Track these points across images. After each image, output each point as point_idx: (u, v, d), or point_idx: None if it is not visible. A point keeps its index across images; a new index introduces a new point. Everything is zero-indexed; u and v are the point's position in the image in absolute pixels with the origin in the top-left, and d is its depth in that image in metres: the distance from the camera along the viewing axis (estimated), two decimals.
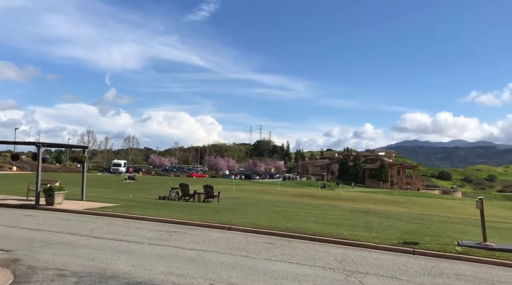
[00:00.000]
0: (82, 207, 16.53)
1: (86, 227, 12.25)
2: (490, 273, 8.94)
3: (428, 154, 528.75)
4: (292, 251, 10.03)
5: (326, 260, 9.24)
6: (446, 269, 9.05)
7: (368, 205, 32.51)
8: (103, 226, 12.46)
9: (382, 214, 21.85)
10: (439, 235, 13.46)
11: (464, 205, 44.37)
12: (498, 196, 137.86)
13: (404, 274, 8.33)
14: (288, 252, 9.93)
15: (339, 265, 8.74)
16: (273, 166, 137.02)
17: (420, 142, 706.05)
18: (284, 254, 9.61)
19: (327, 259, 9.36)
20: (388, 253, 10.55)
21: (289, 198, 35.79)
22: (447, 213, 30.20)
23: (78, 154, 20.55)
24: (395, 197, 53.92)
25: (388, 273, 8.33)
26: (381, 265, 9.03)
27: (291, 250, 10.15)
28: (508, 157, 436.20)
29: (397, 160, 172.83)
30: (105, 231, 11.69)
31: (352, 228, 13.97)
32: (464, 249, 11.01)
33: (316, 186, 75.64)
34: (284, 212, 18.84)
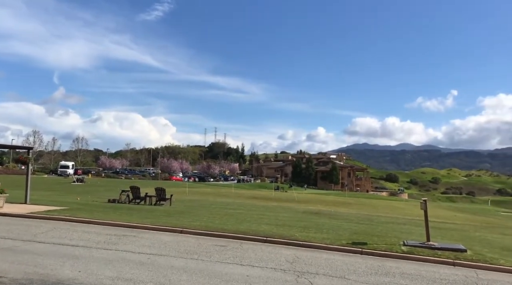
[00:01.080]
0: (25, 210, 15.75)
1: (29, 231, 11.68)
2: (432, 271, 9.37)
3: (377, 157, 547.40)
4: (244, 253, 10.05)
5: (278, 261, 9.33)
6: (392, 268, 9.39)
7: (320, 206, 33.16)
8: (48, 231, 11.93)
9: (333, 215, 22.35)
10: (386, 236, 13.93)
11: (410, 206, 46.22)
12: (442, 198, 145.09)
13: (352, 274, 8.56)
14: (240, 254, 9.94)
15: (290, 266, 8.86)
16: (227, 168, 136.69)
17: (369, 145, 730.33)
18: (236, 256, 9.61)
19: (279, 260, 9.45)
20: (338, 254, 10.81)
21: (243, 200, 35.82)
22: (394, 214, 31.33)
23: (22, 155, 19.58)
24: (345, 199, 55.33)
25: (337, 273, 8.53)
26: (331, 265, 9.24)
27: (243, 252, 10.16)
28: (451, 160, 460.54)
29: (348, 163, 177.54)
30: (50, 235, 11.20)
31: (303, 229, 14.19)
32: (409, 248, 11.46)
33: (270, 188, 76.23)
34: (237, 215, 18.84)
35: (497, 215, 50.82)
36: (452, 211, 49.97)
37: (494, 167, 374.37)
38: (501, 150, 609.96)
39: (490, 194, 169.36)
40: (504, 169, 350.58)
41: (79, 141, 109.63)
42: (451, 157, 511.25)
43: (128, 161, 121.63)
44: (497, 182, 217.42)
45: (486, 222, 32.52)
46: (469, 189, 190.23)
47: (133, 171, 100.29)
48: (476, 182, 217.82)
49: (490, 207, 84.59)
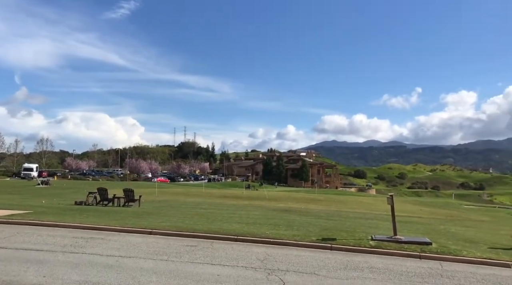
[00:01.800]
0: None
1: None
2: (399, 264, 9.60)
3: (346, 153, 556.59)
4: (215, 253, 10.01)
5: (249, 259, 9.34)
6: (361, 263, 9.56)
7: (290, 204, 33.41)
8: (11, 236, 11.51)
9: (303, 212, 22.58)
10: (354, 231, 14.18)
11: (377, 202, 47.22)
12: (408, 192, 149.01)
13: (322, 269, 8.67)
14: (211, 253, 9.90)
15: (261, 264, 8.88)
16: (198, 168, 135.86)
17: (338, 142, 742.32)
18: (207, 256, 9.56)
19: (250, 258, 9.46)
20: (308, 250, 10.92)
21: (213, 199, 35.67)
22: (362, 209, 31.95)
23: None
24: (315, 196, 55.99)
25: (307, 269, 8.62)
26: (301, 262, 9.32)
27: (213, 252, 10.12)
28: (416, 156, 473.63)
29: (317, 160, 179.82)
30: (13, 240, 10.81)
31: (274, 227, 14.27)
32: (376, 243, 11.71)
33: (241, 187, 76.21)
34: (208, 214, 18.75)
35: (460, 208, 52.59)
36: (418, 205, 51.39)
37: (457, 162, 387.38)
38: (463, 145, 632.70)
39: (453, 188, 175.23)
40: (466, 164, 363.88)
41: (44, 142, 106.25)
42: (416, 153, 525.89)
43: (95, 162, 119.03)
44: (460, 176, 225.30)
45: (450, 215, 33.62)
46: (434, 183, 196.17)
47: (100, 172, 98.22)
48: (440, 176, 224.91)
49: (454, 200, 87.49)
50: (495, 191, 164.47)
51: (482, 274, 8.95)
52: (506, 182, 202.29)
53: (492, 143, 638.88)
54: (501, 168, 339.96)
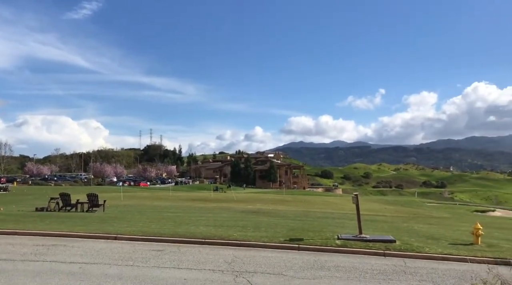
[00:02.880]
0: None
1: None
2: (365, 262, 9.78)
3: (312, 154, 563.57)
4: (182, 257, 9.89)
5: (216, 262, 9.29)
6: (327, 262, 9.69)
7: (258, 205, 33.49)
8: None
9: (271, 214, 22.67)
10: (321, 230, 14.35)
11: (344, 201, 48.04)
12: (373, 191, 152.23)
13: (289, 270, 8.72)
14: (178, 257, 9.77)
15: (228, 267, 8.84)
16: (164, 171, 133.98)
17: (305, 143, 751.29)
18: (174, 260, 9.43)
19: (217, 261, 9.41)
20: (276, 251, 10.96)
21: (181, 203, 35.29)
22: (329, 209, 32.41)
23: None
24: (283, 196, 56.37)
25: (275, 270, 8.65)
26: (269, 263, 9.35)
27: (180, 256, 10.00)
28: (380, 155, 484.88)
29: (285, 161, 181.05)
30: None
31: (242, 229, 14.25)
32: (343, 242, 11.89)
33: (209, 189, 75.78)
34: (175, 218, 18.53)
35: (423, 206, 54.25)
36: (382, 204, 52.61)
37: (420, 161, 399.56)
38: (425, 145, 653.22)
39: (416, 186, 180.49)
40: (428, 162, 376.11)
41: (2, 147, 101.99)
42: (381, 153, 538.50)
43: (57, 167, 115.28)
44: (423, 175, 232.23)
45: (413, 213, 34.61)
46: (398, 182, 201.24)
47: (63, 177, 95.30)
48: (404, 175, 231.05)
49: (416, 198, 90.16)
50: (455, 188, 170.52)
51: (443, 269, 9.24)
52: (466, 179, 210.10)
53: (452, 142, 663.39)
54: (461, 166, 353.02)
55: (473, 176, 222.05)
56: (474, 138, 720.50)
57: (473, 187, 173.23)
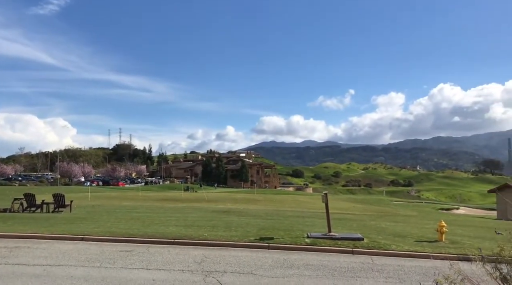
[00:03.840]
0: None
1: None
2: (333, 260, 9.93)
3: (284, 154, 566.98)
4: (151, 257, 9.76)
5: (186, 263, 9.22)
6: (297, 260, 9.77)
7: (229, 205, 33.43)
8: None
9: (242, 213, 22.66)
10: (291, 229, 14.46)
11: (314, 200, 48.55)
12: (342, 190, 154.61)
13: (259, 269, 8.75)
14: (147, 258, 9.64)
15: (198, 267, 8.79)
16: (134, 170, 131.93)
17: (276, 143, 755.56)
18: (142, 261, 9.30)
19: (187, 261, 9.34)
20: (246, 250, 10.97)
21: (150, 203, 34.82)
22: (299, 208, 32.69)
23: None
24: (254, 196, 56.49)
25: (245, 269, 8.66)
26: (239, 262, 9.35)
27: (149, 256, 9.87)
28: (350, 155, 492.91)
29: (257, 161, 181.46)
30: None
31: (212, 229, 14.19)
32: (312, 240, 12.02)
33: (180, 189, 75.11)
34: (144, 218, 18.26)
35: (390, 205, 55.50)
36: (351, 202, 53.51)
37: (388, 160, 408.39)
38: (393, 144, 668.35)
39: (384, 185, 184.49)
40: (396, 162, 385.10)
41: None
42: (350, 152, 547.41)
43: (22, 166, 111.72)
44: (391, 174, 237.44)
45: (381, 211, 35.36)
46: (367, 181, 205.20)
47: (28, 177, 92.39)
48: (372, 174, 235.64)
49: (384, 197, 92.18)
50: (422, 187, 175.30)
51: (409, 266, 9.49)
52: (432, 178, 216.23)
53: (419, 142, 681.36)
54: (427, 166, 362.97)
55: (438, 175, 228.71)
56: (440, 138, 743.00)
57: (438, 186, 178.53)
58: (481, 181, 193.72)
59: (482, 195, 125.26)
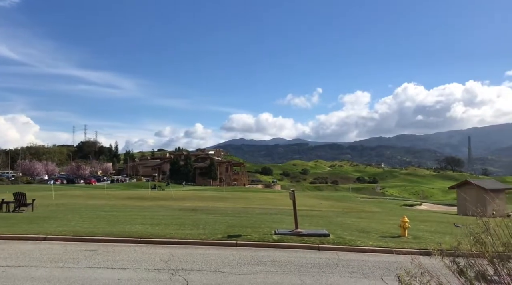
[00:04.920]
0: None
1: None
2: (300, 256, 10.06)
3: (253, 151, 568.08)
4: (116, 256, 9.60)
5: (152, 261, 9.12)
6: (264, 257, 9.85)
7: (197, 203, 33.23)
8: None
9: (210, 211, 22.59)
10: (259, 226, 14.54)
11: (282, 197, 48.91)
12: (310, 187, 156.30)
13: (226, 266, 8.77)
14: (112, 257, 9.48)
15: (164, 265, 8.72)
16: (100, 168, 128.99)
17: (246, 140, 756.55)
18: (107, 260, 9.14)
19: (153, 260, 9.24)
20: (214, 248, 10.96)
21: (116, 201, 34.17)
22: (268, 205, 32.85)
23: None
24: (223, 193, 56.37)
25: (212, 267, 8.66)
26: (206, 260, 9.33)
27: (114, 255, 9.70)
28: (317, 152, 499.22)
29: (226, 158, 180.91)
30: None
31: (179, 227, 14.09)
32: (279, 237, 12.14)
33: (147, 187, 74.00)
34: (109, 217, 17.92)
35: (356, 201, 56.62)
36: (318, 199, 54.26)
37: (354, 158, 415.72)
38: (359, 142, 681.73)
39: (350, 182, 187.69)
40: (362, 159, 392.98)
41: None
42: (318, 150, 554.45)
43: None
44: (356, 171, 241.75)
45: (347, 207, 36.01)
46: (333, 178, 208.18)
47: None
48: (339, 171, 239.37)
49: (350, 194, 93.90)
50: (386, 184, 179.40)
51: (373, 261, 9.73)
52: (396, 175, 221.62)
53: (383, 140, 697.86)
54: (391, 163, 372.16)
55: (402, 172, 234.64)
56: (404, 136, 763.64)
57: (402, 183, 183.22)
58: (443, 177, 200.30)
59: (444, 191, 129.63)
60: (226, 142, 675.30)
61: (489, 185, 37.66)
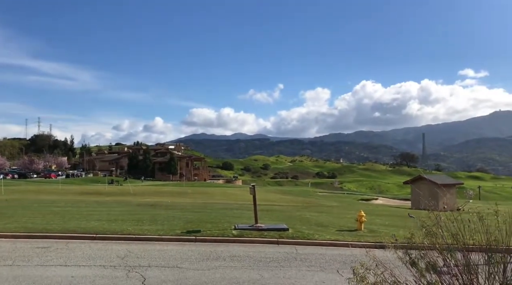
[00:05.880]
0: None
1: None
2: (259, 251, 10.11)
3: (214, 146, 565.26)
4: (70, 253, 9.30)
5: (108, 258, 8.90)
6: (223, 252, 9.83)
7: (156, 198, 32.72)
8: None
9: (169, 206, 22.30)
10: (219, 222, 14.48)
11: (243, 192, 48.97)
12: (271, 182, 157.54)
13: (185, 262, 8.68)
14: (65, 254, 9.17)
15: (121, 262, 8.53)
16: (54, 163, 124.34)
17: (207, 135, 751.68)
18: (61, 257, 8.83)
19: (109, 257, 9.01)
20: (172, 244, 10.83)
21: (72, 196, 33.10)
22: (228, 200, 32.84)
23: None
24: (183, 189, 55.81)
25: (170, 263, 8.55)
26: (164, 256, 9.20)
27: (69, 252, 9.39)
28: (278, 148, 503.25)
29: (186, 153, 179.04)
30: None
31: (137, 223, 13.81)
32: (239, 232, 12.15)
33: (104, 182, 72.11)
34: (64, 212, 17.31)
35: (315, 196, 57.57)
36: (278, 194, 54.75)
37: (314, 153, 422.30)
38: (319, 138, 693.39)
39: (310, 177, 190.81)
40: (321, 155, 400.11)
41: None
42: (279, 145, 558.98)
43: None
44: (316, 166, 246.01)
45: (306, 202, 36.56)
46: (294, 173, 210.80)
47: None
48: (299, 166, 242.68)
49: (310, 188, 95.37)
50: (344, 179, 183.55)
51: (330, 254, 9.93)
52: (354, 170, 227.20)
53: (342, 136, 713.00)
54: (350, 158, 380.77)
55: (360, 167, 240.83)
56: (362, 132, 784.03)
57: (359, 178, 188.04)
58: (398, 173, 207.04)
59: (399, 186, 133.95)
60: (187, 136, 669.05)
61: (441, 181, 39.31)
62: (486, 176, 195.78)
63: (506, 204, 39.38)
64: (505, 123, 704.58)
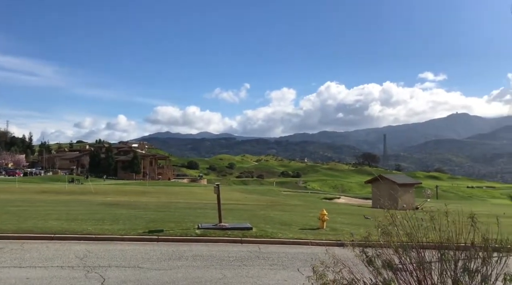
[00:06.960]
0: None
1: None
2: (223, 250, 10.11)
3: (179, 145, 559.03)
4: (26, 254, 8.98)
5: (66, 258, 8.65)
6: (186, 252, 9.76)
7: (118, 197, 32.08)
8: None
9: (131, 206, 21.92)
10: (182, 221, 14.36)
11: (207, 191, 48.72)
12: (236, 181, 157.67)
13: (146, 262, 8.56)
14: (20, 255, 8.84)
15: (79, 262, 8.32)
16: (11, 160, 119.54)
17: (172, 134, 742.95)
18: (15, 259, 8.51)
19: (67, 257, 8.77)
20: (134, 244, 10.66)
21: (29, 195, 31.96)
22: (193, 199, 32.62)
23: None
24: (146, 188, 54.96)
25: (131, 263, 8.41)
26: (125, 256, 9.04)
27: (24, 253, 9.07)
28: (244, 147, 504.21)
29: (150, 152, 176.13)
30: None
31: (98, 222, 13.49)
32: (202, 231, 12.09)
33: (64, 181, 69.88)
34: (20, 212, 16.69)
35: (280, 195, 58.07)
36: (243, 193, 54.87)
37: (279, 153, 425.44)
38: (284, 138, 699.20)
39: (275, 176, 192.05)
40: (286, 154, 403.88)
41: None
42: (244, 144, 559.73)
43: None
44: (281, 166, 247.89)
45: (271, 201, 36.82)
46: (259, 172, 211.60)
47: None
48: (264, 166, 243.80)
49: (275, 187, 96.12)
50: (308, 178, 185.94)
51: (293, 253, 10.06)
52: (318, 170, 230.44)
53: (307, 136, 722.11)
54: (314, 158, 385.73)
55: (323, 167, 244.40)
56: (326, 132, 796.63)
57: (323, 177, 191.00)
58: (360, 172, 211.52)
59: (360, 185, 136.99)
60: (151, 135, 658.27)
61: (400, 180, 40.53)
62: (444, 176, 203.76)
63: (461, 203, 41.05)
64: (461, 125, 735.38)
